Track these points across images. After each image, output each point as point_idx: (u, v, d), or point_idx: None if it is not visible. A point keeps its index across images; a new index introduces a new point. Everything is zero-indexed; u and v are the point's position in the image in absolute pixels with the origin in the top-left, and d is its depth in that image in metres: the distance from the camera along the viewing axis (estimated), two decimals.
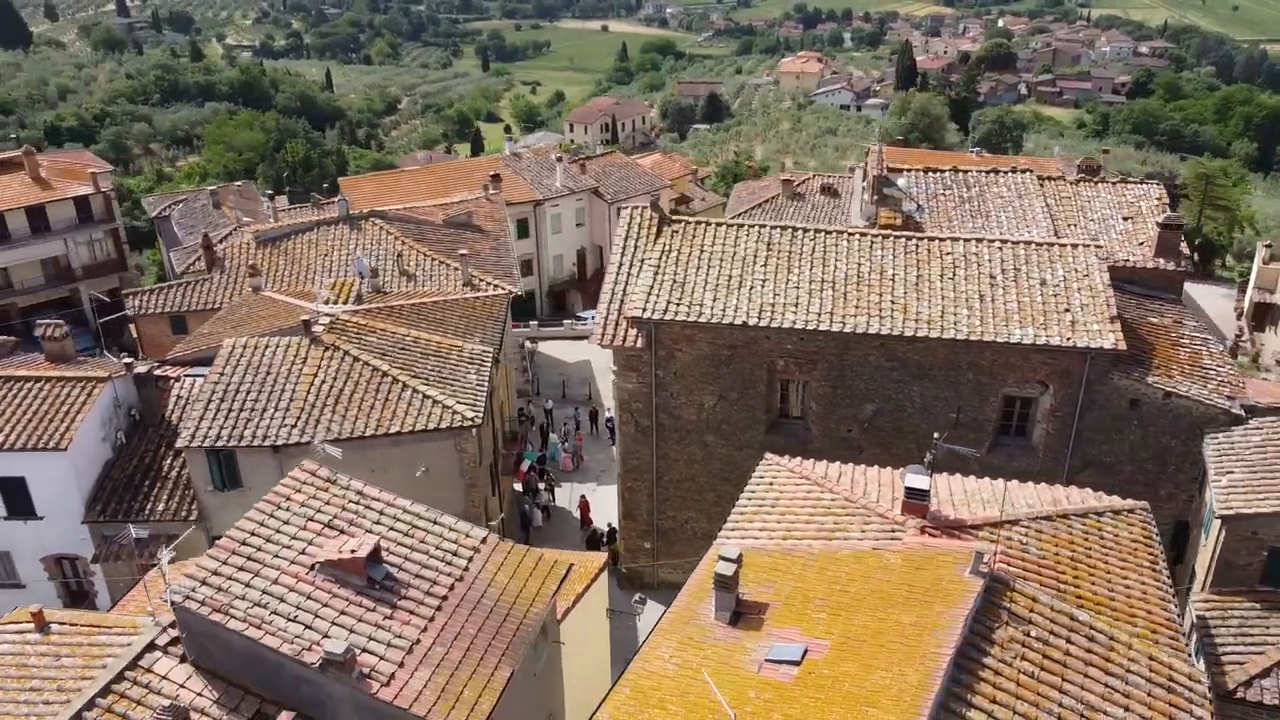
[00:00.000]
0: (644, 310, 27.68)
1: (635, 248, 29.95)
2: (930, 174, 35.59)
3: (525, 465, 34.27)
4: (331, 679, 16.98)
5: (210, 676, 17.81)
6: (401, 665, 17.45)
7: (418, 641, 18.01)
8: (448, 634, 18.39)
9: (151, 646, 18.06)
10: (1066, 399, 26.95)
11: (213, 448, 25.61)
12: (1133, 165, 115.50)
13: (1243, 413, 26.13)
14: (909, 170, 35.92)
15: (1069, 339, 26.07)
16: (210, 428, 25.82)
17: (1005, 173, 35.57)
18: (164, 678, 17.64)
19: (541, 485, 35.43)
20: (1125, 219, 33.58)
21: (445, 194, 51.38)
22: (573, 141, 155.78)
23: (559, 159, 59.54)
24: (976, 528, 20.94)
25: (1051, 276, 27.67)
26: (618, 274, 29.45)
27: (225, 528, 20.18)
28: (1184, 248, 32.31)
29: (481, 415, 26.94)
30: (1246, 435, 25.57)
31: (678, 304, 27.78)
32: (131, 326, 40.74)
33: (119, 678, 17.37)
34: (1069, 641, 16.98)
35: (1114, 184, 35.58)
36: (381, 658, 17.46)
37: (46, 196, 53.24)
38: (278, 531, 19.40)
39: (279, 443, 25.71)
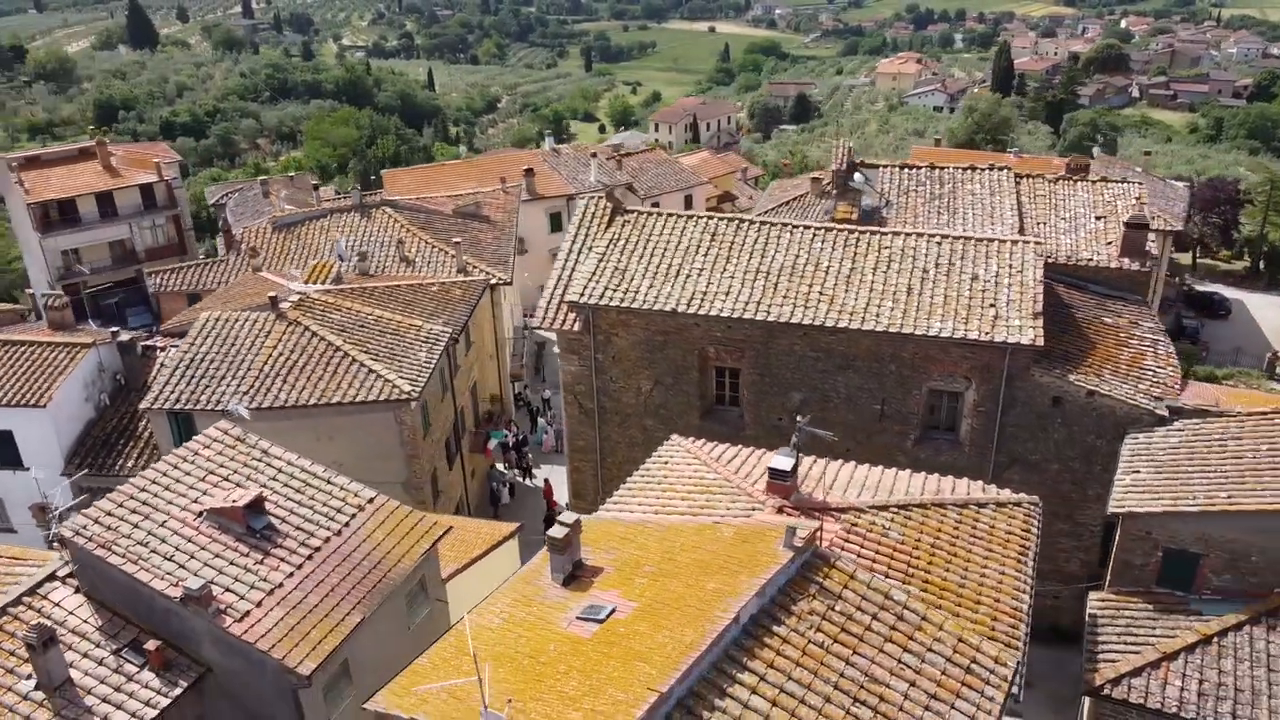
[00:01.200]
0: (581, 295, 28.80)
1: (586, 235, 31.09)
2: (905, 170, 35.63)
3: (492, 444, 35.75)
4: (192, 613, 18.70)
5: (98, 606, 19.81)
6: (259, 605, 19.08)
7: (280, 585, 19.63)
8: (310, 581, 19.95)
9: (52, 577, 20.18)
10: (989, 394, 26.95)
11: (172, 410, 27.89)
12: (1238, 171, 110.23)
13: (1166, 414, 25.72)
14: (885, 167, 36.04)
15: (988, 334, 26.10)
16: (172, 392, 28.09)
17: (982, 170, 35.34)
18: (57, 604, 19.72)
19: (502, 465, 36.90)
20: (1098, 218, 33.03)
21: (480, 186, 53.38)
22: (656, 141, 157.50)
23: (593, 155, 60.98)
24: (842, 510, 21.42)
25: (984, 272, 27.67)
26: (565, 260, 30.66)
27: None
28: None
29: (421, 390, 28.49)
30: (1166, 436, 25.18)
31: (615, 290, 28.80)
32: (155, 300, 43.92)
33: (16, 601, 19.53)
34: (875, 618, 17.44)
35: (1093, 183, 34.90)
36: (242, 597, 19.12)
37: (115, 184, 57.47)
38: (177, 481, 21.30)
39: (233, 408, 27.79)
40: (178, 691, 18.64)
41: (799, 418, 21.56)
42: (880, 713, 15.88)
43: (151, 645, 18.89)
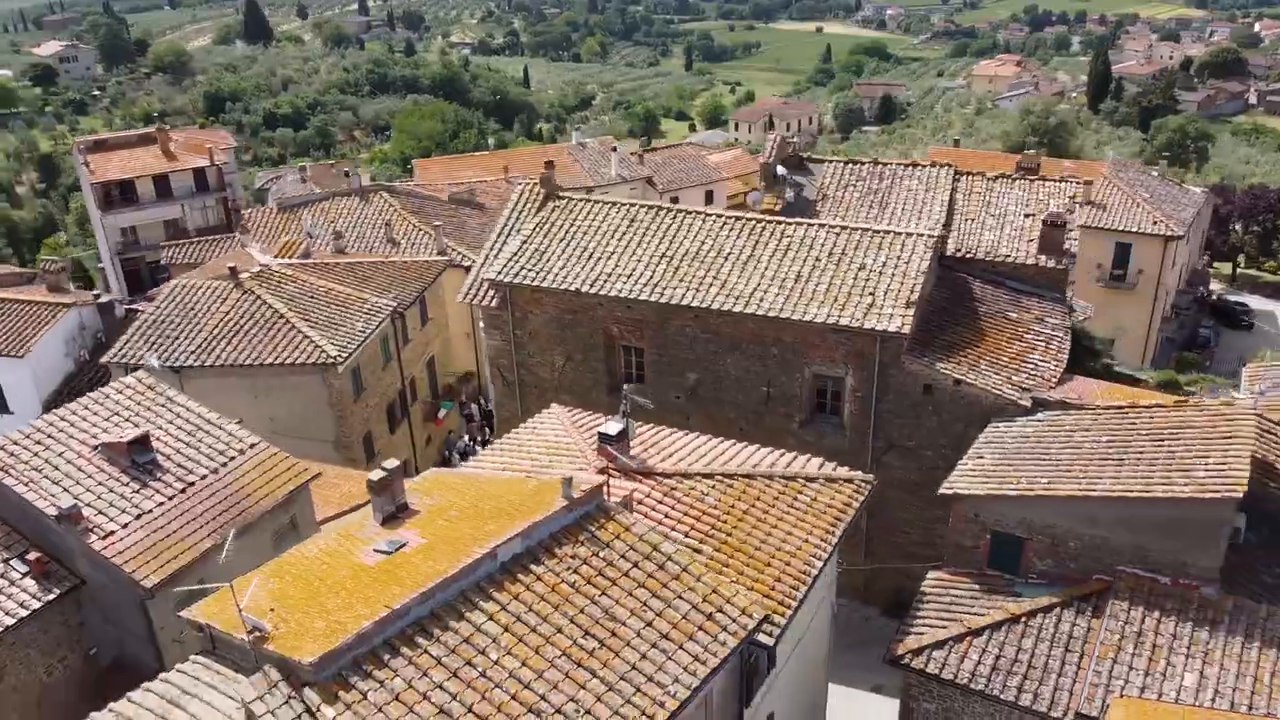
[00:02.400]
0: (500, 273, 30.87)
1: (517, 218, 33.15)
2: (849, 166, 36.55)
3: (442, 414, 38.13)
4: (64, 529, 21.48)
5: (8, 533, 22.78)
6: (124, 527, 21.75)
7: (148, 512, 22.27)
8: (176, 510, 22.54)
9: None
10: (864, 380, 27.93)
11: (128, 365, 31.09)
12: None
13: (1028, 404, 26.30)
14: (830, 162, 37.03)
15: (860, 321, 27.11)
16: (130, 349, 31.33)
17: (924, 167, 35.98)
18: None
19: (466, 436, 39.34)
20: (1026, 216, 33.34)
21: (499, 176, 56.10)
22: (736, 140, 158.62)
23: (614, 149, 62.97)
24: (666, 475, 23.03)
25: (872, 262, 28.63)
26: (494, 240, 32.77)
27: None
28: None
29: (348, 356, 31.02)
30: (1023, 426, 25.80)
31: (530, 270, 30.77)
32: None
33: None
34: (636, 566, 19.03)
35: (1030, 182, 35.08)
36: (111, 519, 21.82)
37: (170, 167, 62.23)
38: (84, 419, 24.17)
39: (178, 364, 30.88)
40: (51, 596, 21.44)
41: (625, 386, 23.16)
42: (607, 645, 17.48)
43: (33, 556, 21.77)
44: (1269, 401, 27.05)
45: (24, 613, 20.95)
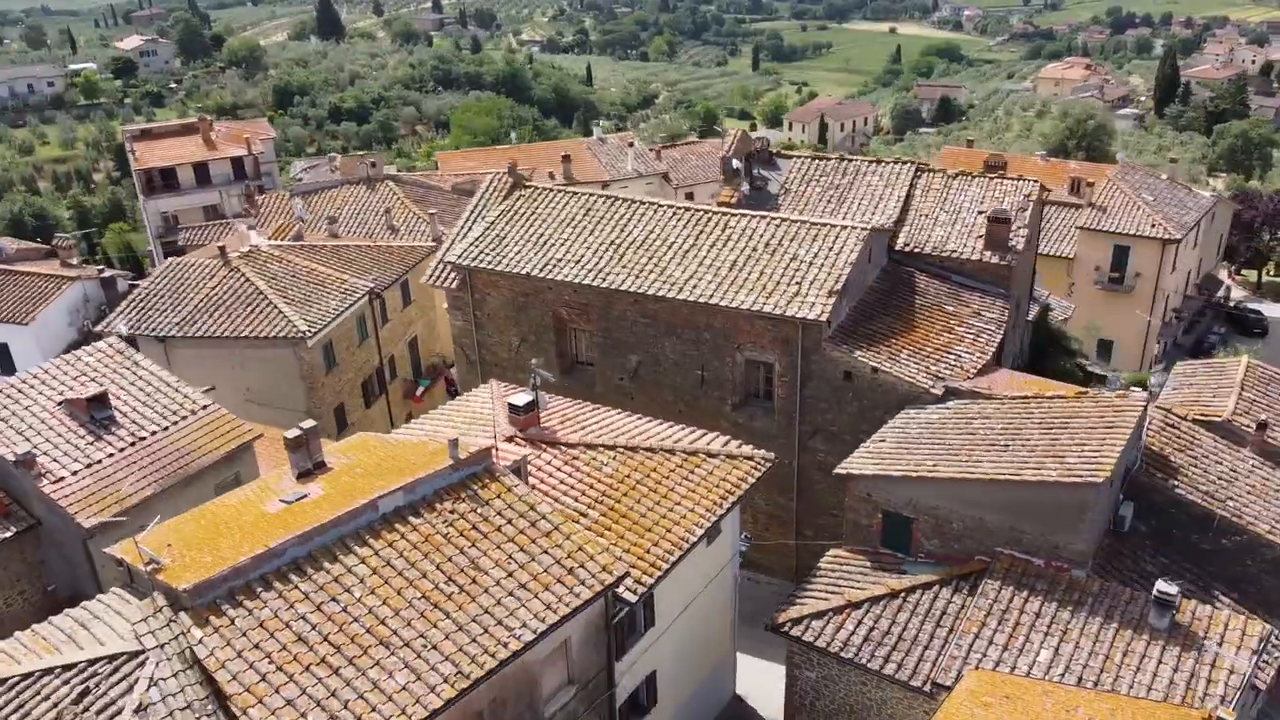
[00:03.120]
0: (459, 257, 32.67)
1: (483, 205, 34.89)
2: (815, 161, 37.49)
3: (420, 391, 40.09)
4: (20, 474, 23.83)
5: None
6: (74, 474, 24.04)
7: (99, 461, 24.54)
8: (124, 461, 24.77)
9: None
10: (789, 366, 29.02)
11: (120, 334, 33.62)
12: None
13: (940, 393, 27.14)
14: (797, 157, 38.04)
15: (782, 308, 28.23)
16: (121, 319, 33.87)
17: (887, 163, 36.78)
18: None
19: None
20: (979, 213, 33.92)
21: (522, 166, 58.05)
22: (790, 139, 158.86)
23: (630, 144, 64.50)
24: (570, 445, 24.56)
25: (804, 252, 29.69)
26: (461, 226, 34.55)
27: None
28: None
29: (318, 332, 33.11)
30: (930, 413, 26.66)
31: (488, 254, 32.49)
32: None
33: None
34: (509, 522, 20.63)
35: (989, 180, 35.56)
36: (64, 466, 24.12)
37: (210, 155, 65.57)
38: (55, 378, 26.60)
39: (163, 334, 33.33)
40: (7, 534, 23.81)
41: (534, 361, 24.70)
42: (466, 590, 19.11)
43: None
44: (1186, 399, 27.46)
45: None
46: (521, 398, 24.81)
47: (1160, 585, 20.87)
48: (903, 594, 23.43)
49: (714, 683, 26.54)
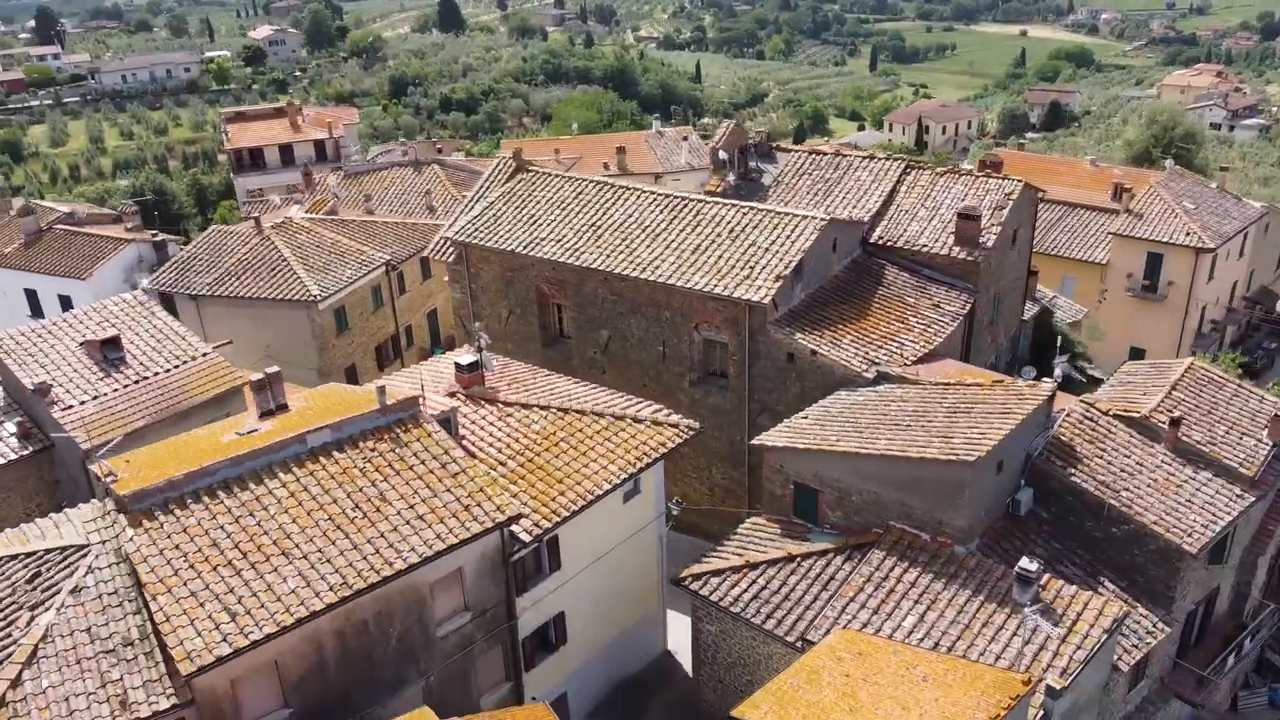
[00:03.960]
0: (457, 233, 35.35)
1: (488, 187, 37.51)
2: (811, 156, 38.82)
3: (433, 358, 42.95)
4: (37, 400, 27.56)
5: (9, 401, 29.15)
6: (82, 403, 27.62)
7: (105, 395, 28.09)
8: (129, 395, 28.26)
9: None
10: (739, 346, 30.65)
11: (160, 291, 37.62)
12: None
13: (872, 376, 28.38)
14: (794, 151, 39.44)
15: (730, 291, 29.89)
16: (161, 279, 37.84)
17: (879, 159, 37.84)
18: None
19: None
20: (958, 212, 34.71)
21: (574, 157, 60.95)
22: (890, 140, 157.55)
23: (684, 138, 66.36)
24: (507, 404, 26.94)
25: (763, 238, 31.26)
26: (465, 206, 37.23)
27: None
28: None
29: (329, 296, 36.33)
30: (856, 395, 27.95)
31: (482, 231, 35.08)
32: None
33: None
34: (422, 463, 23.10)
35: (974, 178, 36.16)
36: (74, 396, 27.73)
37: (294, 138, 70.40)
38: (81, 323, 30.37)
39: (195, 293, 37.11)
40: (26, 451, 27.58)
41: (475, 325, 27.06)
42: (368, 516, 21.65)
43: (19, 419, 28.01)
44: (1118, 395, 27.97)
45: (3, 460, 27.17)
46: (467, 358, 27.29)
47: (1022, 563, 21.95)
48: (799, 559, 24.97)
49: (640, 636, 28.44)
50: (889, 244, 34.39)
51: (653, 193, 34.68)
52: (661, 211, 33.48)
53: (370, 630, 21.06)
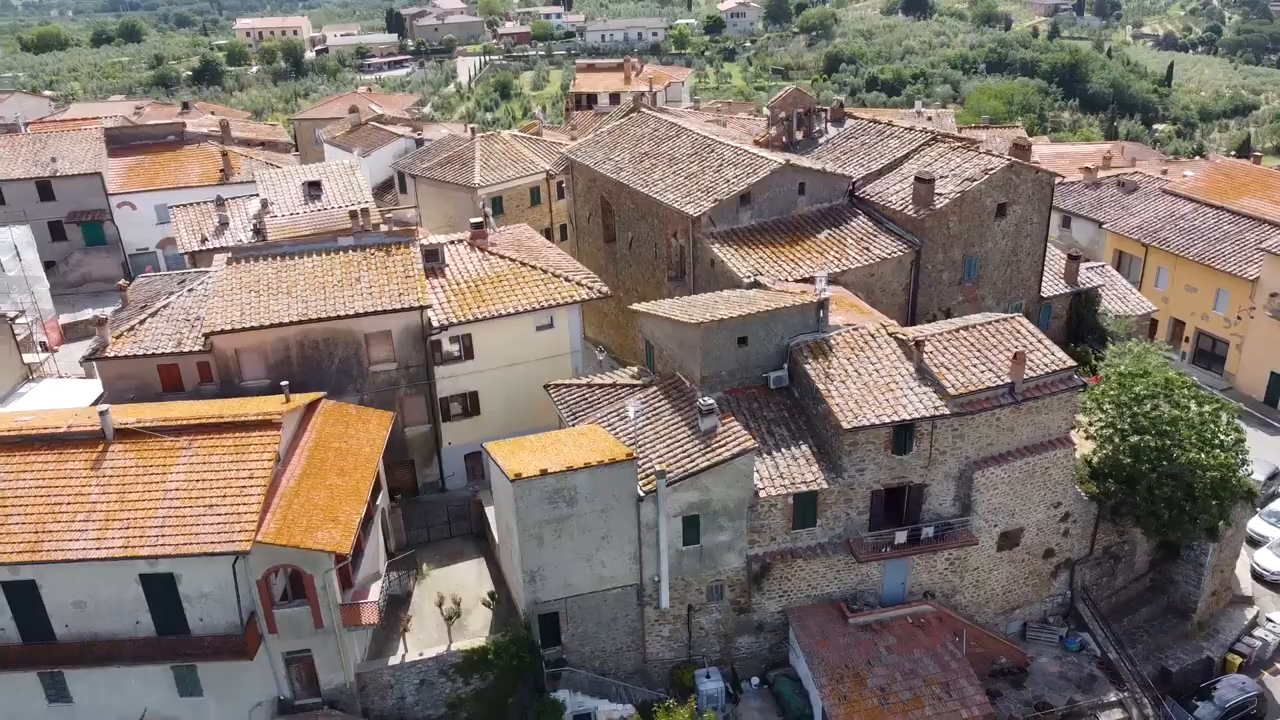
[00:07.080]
0: (567, 152, 47.74)
1: (609, 121, 49.15)
2: (867, 123, 45.24)
3: None
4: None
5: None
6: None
7: (299, 213, 44.91)
8: (311, 215, 44.79)
9: None
10: (689, 250, 39.65)
11: (398, 171, 54.36)
12: None
13: (749, 283, 36.17)
14: (849, 116, 45.99)
15: (681, 205, 38.97)
16: (399, 162, 54.58)
17: (911, 130, 43.27)
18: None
19: None
20: (941, 177, 39.53)
21: None
22: None
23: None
24: (488, 253, 39.41)
25: (732, 173, 39.71)
26: (586, 137, 49.27)
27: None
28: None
29: (487, 186, 50.62)
30: (734, 291, 36.01)
31: (582, 153, 47.04)
32: None
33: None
34: (390, 266, 36.60)
35: (983, 153, 40.16)
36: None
37: (623, 89, 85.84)
38: (309, 174, 47.62)
39: (413, 173, 53.34)
40: None
41: (481, 203, 39.28)
42: (343, 285, 35.53)
43: None
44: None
45: None
46: (477, 220, 39.93)
47: (700, 399, 30.08)
48: (615, 385, 34.55)
49: (544, 427, 39.27)
50: (868, 198, 40.71)
51: (697, 135, 44.18)
52: (691, 149, 43.01)
53: (320, 349, 34.92)
